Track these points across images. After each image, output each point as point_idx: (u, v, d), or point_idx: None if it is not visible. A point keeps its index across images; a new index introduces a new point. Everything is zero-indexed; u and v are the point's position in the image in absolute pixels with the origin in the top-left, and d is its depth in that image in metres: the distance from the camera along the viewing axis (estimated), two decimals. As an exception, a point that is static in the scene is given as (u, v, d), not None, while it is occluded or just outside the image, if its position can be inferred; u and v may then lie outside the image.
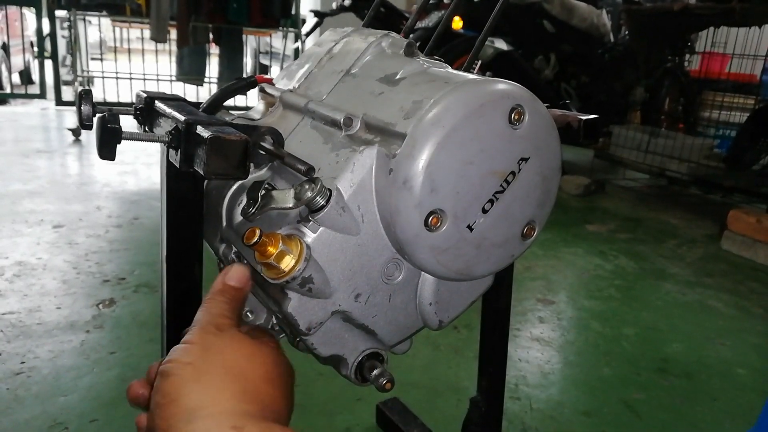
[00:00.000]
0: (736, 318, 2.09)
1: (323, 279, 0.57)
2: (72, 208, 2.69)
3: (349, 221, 0.57)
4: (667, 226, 3.20)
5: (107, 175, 3.31)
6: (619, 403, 1.52)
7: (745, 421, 1.49)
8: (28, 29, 6.73)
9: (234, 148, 0.55)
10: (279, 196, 0.57)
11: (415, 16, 1.04)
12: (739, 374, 1.71)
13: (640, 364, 1.72)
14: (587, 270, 2.44)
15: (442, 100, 0.56)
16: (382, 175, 0.56)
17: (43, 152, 3.80)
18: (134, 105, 0.73)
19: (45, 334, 1.61)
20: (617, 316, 2.03)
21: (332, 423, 1.34)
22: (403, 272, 0.62)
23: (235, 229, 0.67)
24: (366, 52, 0.72)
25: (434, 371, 1.58)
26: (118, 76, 5.23)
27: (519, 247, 0.63)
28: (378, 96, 0.64)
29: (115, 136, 0.57)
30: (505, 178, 0.58)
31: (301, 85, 0.76)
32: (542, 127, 0.59)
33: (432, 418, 1.32)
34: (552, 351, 1.75)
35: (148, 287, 1.94)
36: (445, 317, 0.66)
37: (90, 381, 1.42)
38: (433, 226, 0.56)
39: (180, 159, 0.58)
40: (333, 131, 0.64)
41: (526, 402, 1.48)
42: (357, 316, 0.61)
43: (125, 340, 1.61)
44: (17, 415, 1.29)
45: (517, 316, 1.94)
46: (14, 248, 2.18)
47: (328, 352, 0.64)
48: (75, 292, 1.87)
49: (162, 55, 5.30)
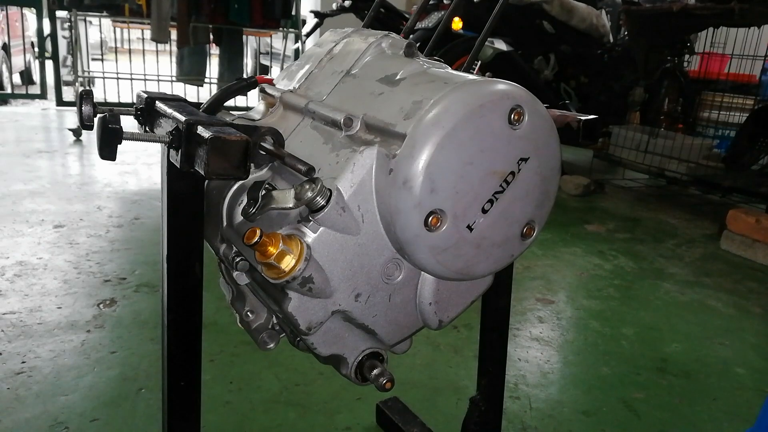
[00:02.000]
0: (735, 317, 2.09)
1: (323, 279, 0.57)
2: (73, 208, 2.69)
3: (349, 221, 0.57)
4: (666, 225, 3.20)
5: (108, 175, 3.31)
6: (618, 402, 1.52)
7: (744, 420, 1.49)
8: (29, 30, 6.72)
9: (234, 148, 0.56)
10: (279, 196, 0.57)
11: (415, 16, 1.05)
12: (738, 373, 1.71)
13: (639, 363, 1.72)
14: (586, 270, 2.44)
15: (442, 100, 0.56)
16: (382, 176, 0.56)
17: (44, 152, 3.81)
18: (135, 105, 0.73)
19: (46, 334, 1.62)
20: (616, 315, 2.03)
21: (332, 422, 1.34)
22: (403, 272, 0.62)
23: (236, 228, 0.67)
24: (366, 52, 0.72)
25: (434, 371, 1.58)
26: (119, 77, 5.24)
27: (518, 247, 0.64)
28: (378, 96, 0.64)
29: (116, 137, 0.57)
30: (505, 178, 0.59)
31: (301, 85, 0.76)
32: (542, 128, 0.59)
33: (432, 418, 1.32)
34: (551, 350, 1.75)
35: (148, 287, 1.94)
36: (444, 317, 0.66)
37: (91, 380, 1.42)
38: (433, 226, 0.57)
39: (181, 159, 0.59)
40: (333, 131, 0.65)
41: (525, 401, 1.48)
42: (357, 316, 0.61)
43: (126, 340, 1.61)
44: (18, 415, 1.29)
45: (517, 316, 1.95)
46: (15, 248, 2.18)
47: (328, 351, 0.64)
48: (76, 292, 1.87)
49: (162, 55, 5.30)
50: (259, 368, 1.51)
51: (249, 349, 1.59)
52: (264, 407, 1.37)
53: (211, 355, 1.54)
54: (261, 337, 0.76)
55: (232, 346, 1.60)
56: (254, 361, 1.54)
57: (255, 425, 1.32)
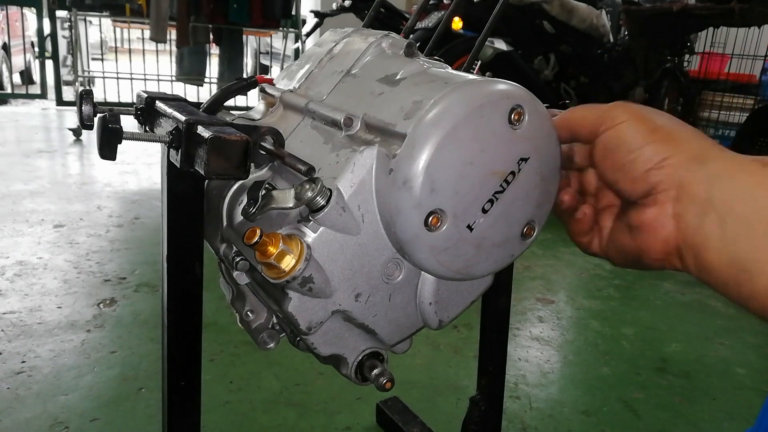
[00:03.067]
0: (735, 317, 2.09)
1: (323, 279, 0.57)
2: (73, 208, 2.69)
3: (350, 221, 0.57)
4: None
5: (108, 175, 3.31)
6: (618, 402, 1.52)
7: (743, 420, 1.49)
8: (29, 29, 6.73)
9: (235, 148, 0.56)
10: (279, 196, 0.57)
11: (415, 16, 1.05)
12: (738, 373, 1.71)
13: (639, 363, 1.72)
14: (586, 269, 2.44)
15: (442, 100, 0.56)
16: (382, 175, 0.56)
17: (44, 152, 3.81)
18: (135, 105, 0.73)
19: (46, 334, 1.62)
20: (616, 315, 2.03)
21: (332, 422, 1.34)
22: (403, 272, 0.62)
23: (236, 228, 0.67)
24: (366, 52, 0.72)
25: (434, 370, 1.58)
26: (119, 77, 5.24)
27: (519, 247, 0.63)
28: (378, 96, 0.64)
29: (116, 136, 0.57)
30: (505, 178, 0.59)
31: (301, 85, 0.76)
32: (542, 128, 0.59)
33: (432, 417, 1.32)
34: (551, 350, 1.75)
35: (148, 287, 1.94)
36: (445, 317, 0.66)
37: (91, 380, 1.42)
38: (433, 226, 0.57)
39: (181, 159, 0.59)
40: (333, 131, 0.65)
41: (525, 401, 1.48)
42: (357, 316, 0.61)
43: (126, 340, 1.61)
44: (18, 414, 1.29)
45: (517, 316, 1.95)
46: (15, 248, 2.18)
47: (328, 351, 0.64)
48: (76, 292, 1.87)
49: (162, 55, 5.30)
50: (259, 368, 1.51)
51: (249, 349, 1.59)
52: (264, 407, 1.37)
53: (211, 355, 1.54)
54: (261, 337, 0.75)
55: (232, 346, 1.60)
56: (254, 361, 1.54)
57: (255, 425, 1.32)
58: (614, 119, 0.52)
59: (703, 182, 0.45)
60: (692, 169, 0.46)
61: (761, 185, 0.42)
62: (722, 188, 0.44)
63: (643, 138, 0.50)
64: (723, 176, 0.44)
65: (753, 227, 0.42)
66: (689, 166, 0.47)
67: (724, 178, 0.44)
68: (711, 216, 0.44)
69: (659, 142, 0.49)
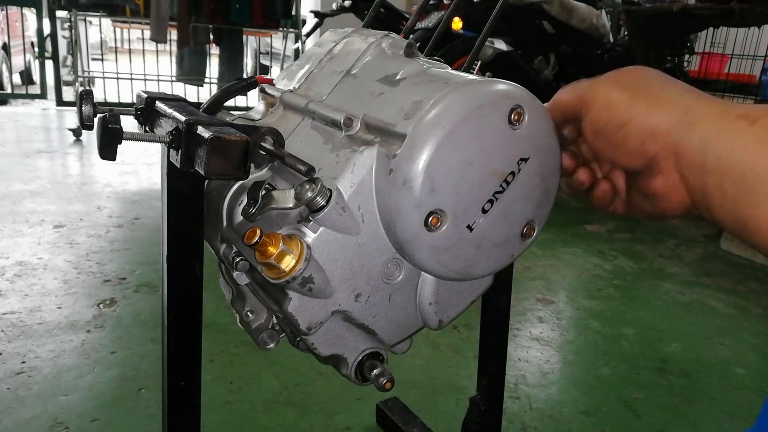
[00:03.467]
0: (734, 317, 2.09)
1: (323, 279, 0.57)
2: (73, 208, 2.69)
3: (349, 221, 0.57)
4: (666, 225, 3.20)
5: (108, 176, 3.31)
6: (618, 402, 1.52)
7: (743, 420, 1.49)
8: (29, 29, 6.73)
9: (234, 148, 0.56)
10: (279, 196, 0.57)
11: (415, 16, 1.05)
12: (738, 374, 1.71)
13: (639, 363, 1.72)
14: (586, 270, 2.44)
15: (442, 100, 0.56)
16: (382, 176, 0.56)
17: (44, 152, 3.81)
18: (135, 105, 0.73)
19: (46, 334, 1.62)
20: (616, 315, 2.03)
21: (332, 422, 1.34)
22: (403, 272, 0.62)
23: (236, 229, 0.67)
24: (366, 52, 0.72)
25: (434, 370, 1.58)
26: (119, 77, 5.24)
27: (518, 247, 0.64)
28: (378, 96, 0.64)
29: (116, 137, 0.57)
30: (505, 178, 0.59)
31: (301, 85, 0.76)
32: (542, 128, 0.59)
33: (432, 418, 1.32)
34: (551, 350, 1.75)
35: (148, 287, 1.94)
36: (444, 317, 0.66)
37: (91, 380, 1.42)
38: (433, 226, 0.57)
39: (181, 159, 0.59)
40: (333, 131, 0.65)
41: (525, 401, 1.48)
42: (357, 316, 0.61)
43: (126, 340, 1.61)
44: (18, 415, 1.29)
45: (517, 316, 1.95)
46: (15, 248, 2.18)
47: (328, 351, 0.64)
48: (76, 292, 1.87)
49: (162, 55, 5.30)
50: (259, 368, 1.51)
51: (249, 349, 1.59)
52: (264, 407, 1.37)
53: (211, 355, 1.54)
54: (261, 337, 0.75)
55: (232, 346, 1.60)
56: (254, 361, 1.54)
57: (255, 425, 1.32)
58: (594, 100, 0.53)
59: (696, 148, 0.47)
60: (683, 134, 0.48)
61: (748, 149, 0.44)
62: (714, 152, 0.46)
63: (626, 109, 0.51)
64: (713, 141, 0.46)
65: (745, 189, 0.44)
66: (680, 131, 0.48)
67: (715, 143, 0.46)
68: (709, 179, 0.46)
69: (644, 109, 0.50)
